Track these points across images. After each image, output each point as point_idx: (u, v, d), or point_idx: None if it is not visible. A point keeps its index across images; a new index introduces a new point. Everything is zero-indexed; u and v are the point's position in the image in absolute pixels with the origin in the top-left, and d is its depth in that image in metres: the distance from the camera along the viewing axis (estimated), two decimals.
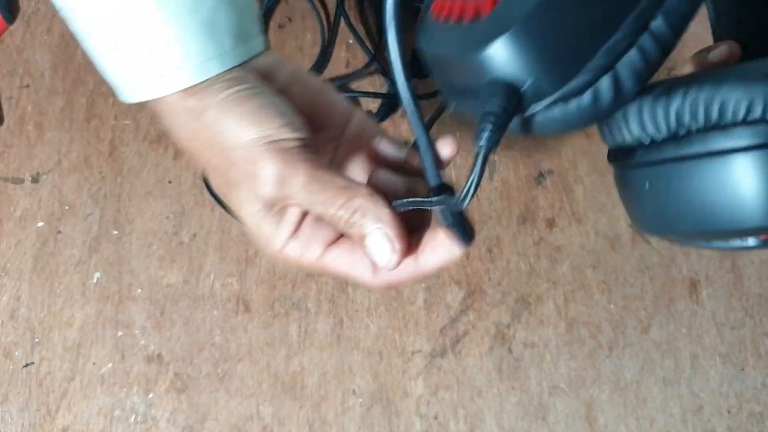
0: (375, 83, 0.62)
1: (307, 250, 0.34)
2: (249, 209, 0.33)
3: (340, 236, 0.34)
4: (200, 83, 0.32)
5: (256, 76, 0.33)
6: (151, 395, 0.53)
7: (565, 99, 0.27)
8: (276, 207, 0.33)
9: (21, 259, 0.56)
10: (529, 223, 0.58)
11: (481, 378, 0.54)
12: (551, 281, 0.56)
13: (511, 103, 0.26)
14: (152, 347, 0.54)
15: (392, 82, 0.61)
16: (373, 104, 0.61)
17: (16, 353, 0.54)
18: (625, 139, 0.31)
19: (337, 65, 0.62)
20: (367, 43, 0.62)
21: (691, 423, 0.53)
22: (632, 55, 0.26)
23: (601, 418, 0.53)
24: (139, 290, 0.56)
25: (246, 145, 0.31)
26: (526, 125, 0.28)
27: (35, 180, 0.58)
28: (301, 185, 0.31)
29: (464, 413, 0.53)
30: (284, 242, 0.34)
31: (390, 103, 0.61)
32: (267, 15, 0.63)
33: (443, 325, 0.55)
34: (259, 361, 0.54)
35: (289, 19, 0.64)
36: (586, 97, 0.27)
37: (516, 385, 0.54)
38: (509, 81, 0.26)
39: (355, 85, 0.62)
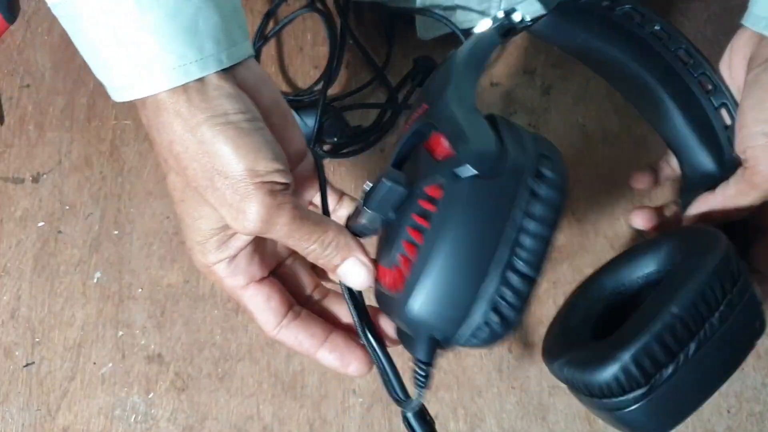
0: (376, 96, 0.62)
1: (233, 276, 0.37)
2: (204, 225, 0.35)
3: (264, 278, 0.38)
4: (201, 95, 0.32)
5: (247, 97, 0.34)
6: (151, 395, 0.53)
7: (471, 338, 0.33)
8: (229, 231, 0.35)
9: (21, 258, 0.56)
10: None
11: (481, 378, 0.54)
12: (551, 281, 0.56)
13: (431, 349, 0.35)
14: (153, 347, 0.54)
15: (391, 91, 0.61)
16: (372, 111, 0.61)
17: (17, 353, 0.54)
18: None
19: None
20: (369, 51, 0.62)
21: (691, 422, 0.53)
22: (503, 291, 0.32)
23: None
24: (140, 290, 0.56)
25: (238, 177, 0.32)
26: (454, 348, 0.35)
27: (36, 180, 0.58)
28: (281, 225, 0.33)
29: (464, 413, 0.53)
30: (218, 261, 0.36)
31: (388, 113, 0.61)
32: (269, 15, 0.64)
33: None
34: (259, 360, 0.54)
35: (290, 20, 0.64)
36: (484, 331, 0.33)
37: (516, 384, 0.54)
38: (425, 334, 0.34)
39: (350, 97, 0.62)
